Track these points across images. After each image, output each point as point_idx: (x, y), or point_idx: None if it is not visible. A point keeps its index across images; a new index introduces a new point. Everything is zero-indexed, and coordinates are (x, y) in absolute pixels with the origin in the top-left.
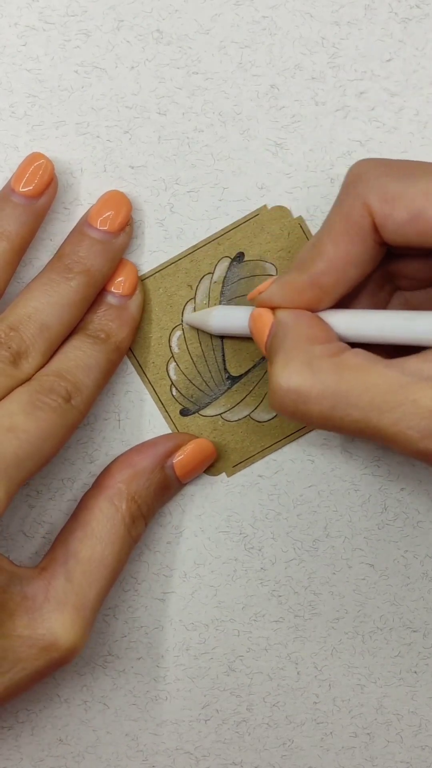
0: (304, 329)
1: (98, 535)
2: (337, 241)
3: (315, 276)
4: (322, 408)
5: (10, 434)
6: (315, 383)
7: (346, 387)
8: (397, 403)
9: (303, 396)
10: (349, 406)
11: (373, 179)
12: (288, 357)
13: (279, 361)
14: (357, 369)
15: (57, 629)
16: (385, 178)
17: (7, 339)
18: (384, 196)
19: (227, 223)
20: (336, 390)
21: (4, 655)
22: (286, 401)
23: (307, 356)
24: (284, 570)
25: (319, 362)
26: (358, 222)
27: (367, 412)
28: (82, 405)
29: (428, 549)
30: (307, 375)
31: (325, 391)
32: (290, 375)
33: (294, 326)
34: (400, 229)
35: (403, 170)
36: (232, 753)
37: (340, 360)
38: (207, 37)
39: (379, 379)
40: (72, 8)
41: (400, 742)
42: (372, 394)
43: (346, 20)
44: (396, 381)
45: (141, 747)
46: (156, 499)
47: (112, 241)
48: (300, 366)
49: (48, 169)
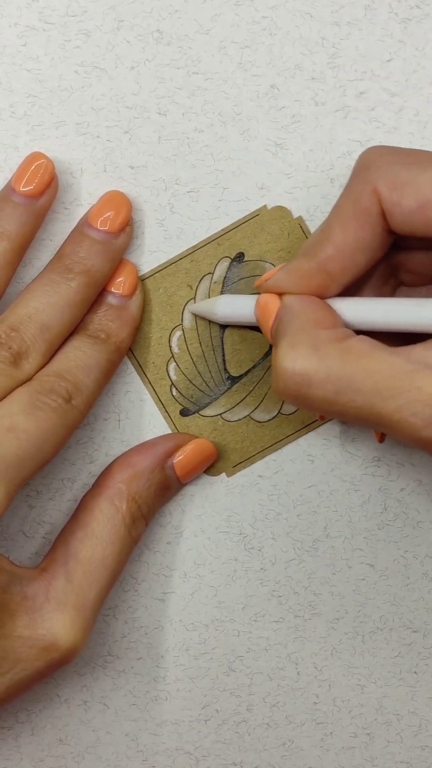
0: (311, 314)
1: (98, 535)
2: (346, 226)
3: (323, 261)
4: (325, 392)
5: (11, 434)
6: (320, 367)
7: (351, 372)
8: (401, 389)
9: (307, 379)
10: (352, 391)
11: (384, 166)
12: (294, 340)
13: (284, 344)
14: (362, 355)
15: (57, 630)
16: (395, 165)
17: (7, 339)
18: (393, 182)
19: (227, 223)
20: (341, 375)
21: (5, 655)
22: (289, 384)
23: (313, 340)
24: (284, 570)
25: (325, 346)
26: (367, 207)
27: (371, 398)
28: (83, 405)
29: (428, 549)
30: (312, 358)
31: (330, 376)
32: (295, 358)
33: (300, 310)
34: (407, 218)
35: (414, 158)
36: (232, 753)
37: (346, 345)
38: (207, 37)
39: (384, 366)
40: (72, 8)
41: (400, 742)
42: (376, 380)
43: (346, 20)
44: (400, 368)
45: (141, 747)
46: (156, 500)
47: (113, 242)
48: (306, 349)
49: (48, 168)
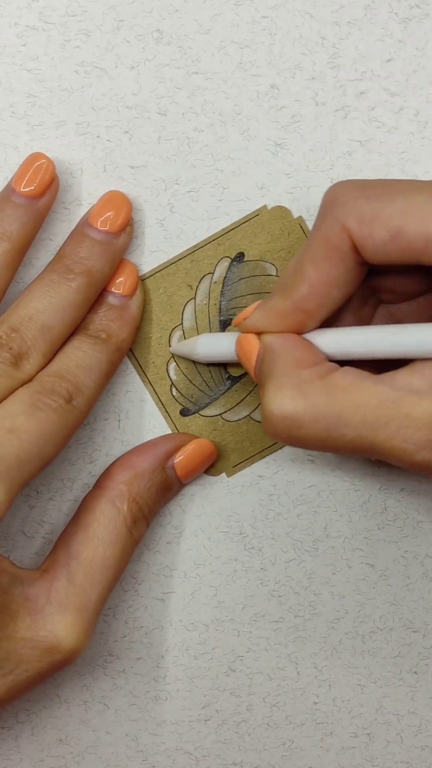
0: (292, 353)
1: (100, 536)
2: (318, 264)
3: (298, 300)
4: (316, 431)
5: (12, 435)
6: (307, 407)
7: (339, 407)
8: (389, 418)
9: (297, 421)
10: (342, 426)
11: (351, 201)
12: (278, 383)
13: (270, 389)
14: (347, 388)
15: (59, 631)
16: (361, 199)
17: (8, 340)
18: (362, 217)
19: (227, 223)
20: (328, 411)
21: (7, 656)
22: (279, 428)
23: (297, 380)
24: (284, 570)
25: (309, 385)
26: (338, 245)
27: (361, 430)
28: (83, 405)
29: (428, 549)
30: (298, 400)
31: (318, 414)
32: (282, 401)
33: (281, 351)
34: (381, 249)
35: (379, 190)
36: (232, 753)
37: (330, 381)
38: (207, 37)
39: (370, 397)
40: (72, 8)
41: (400, 742)
42: (364, 411)
43: (346, 20)
44: (387, 396)
45: (141, 747)
46: (157, 500)
47: (113, 242)
48: (291, 391)
49: (49, 169)
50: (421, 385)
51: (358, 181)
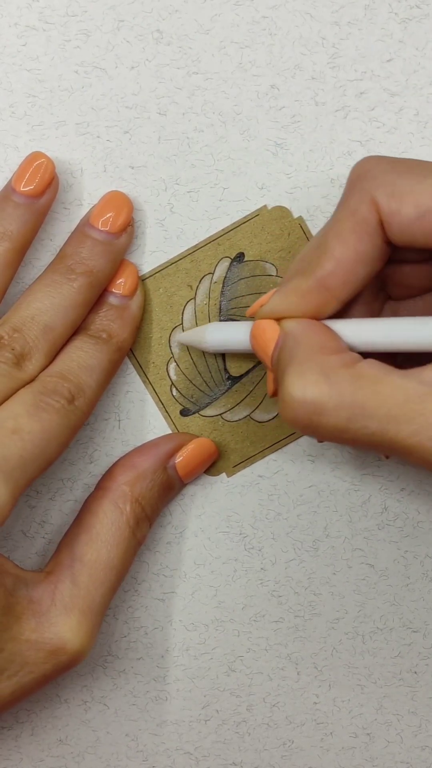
0: (315, 339)
1: (103, 538)
2: (345, 238)
3: (322, 277)
4: (338, 420)
5: (15, 436)
6: (332, 394)
7: (363, 398)
8: (415, 413)
9: (319, 407)
10: (365, 417)
11: (381, 175)
12: (302, 368)
13: (293, 372)
14: (374, 380)
15: (64, 633)
16: (392, 174)
17: (10, 340)
18: (392, 191)
19: (227, 223)
20: (353, 401)
21: (12, 658)
22: (300, 413)
23: (322, 367)
24: (284, 570)
25: (335, 373)
26: (366, 218)
27: (385, 423)
28: (85, 406)
29: (428, 549)
30: (323, 386)
31: (342, 403)
32: (305, 386)
33: (303, 336)
34: (407, 227)
35: (411, 167)
36: (232, 753)
37: (356, 370)
38: (207, 37)
39: (397, 390)
40: (72, 8)
41: (400, 743)
42: (389, 405)
43: (346, 20)
44: (414, 391)
45: (141, 747)
46: (159, 500)
47: (114, 242)
48: (316, 376)
49: (49, 168)
50: None
51: (388, 157)
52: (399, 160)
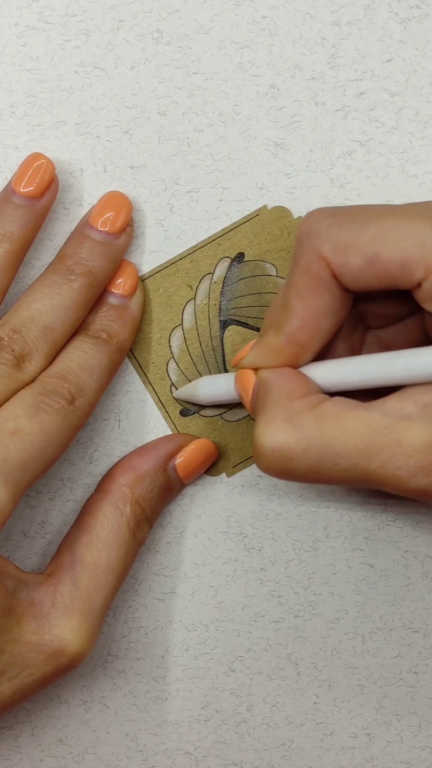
0: (284, 386)
1: (104, 540)
2: (304, 296)
3: (290, 334)
4: (308, 462)
5: (15, 437)
6: (299, 438)
7: (330, 437)
8: (382, 445)
9: (288, 453)
10: (335, 455)
11: (324, 230)
12: (269, 416)
13: (261, 422)
14: (337, 417)
15: (65, 635)
16: (334, 228)
17: (10, 342)
18: (336, 245)
19: (227, 223)
20: (320, 441)
21: (12, 660)
22: (271, 461)
23: (288, 412)
24: (284, 570)
25: (299, 417)
26: (319, 274)
27: (354, 459)
28: (86, 406)
29: (428, 549)
30: (289, 431)
31: (310, 445)
32: (274, 433)
33: (274, 384)
34: (358, 276)
35: (352, 217)
36: (232, 753)
37: (320, 411)
38: (207, 37)
39: (361, 424)
40: (72, 8)
41: (400, 743)
42: (355, 440)
43: (346, 20)
44: (378, 423)
45: (141, 747)
46: (160, 502)
47: (114, 242)
48: (282, 423)
49: (49, 169)
50: (412, 410)
51: (330, 208)
52: (341, 211)
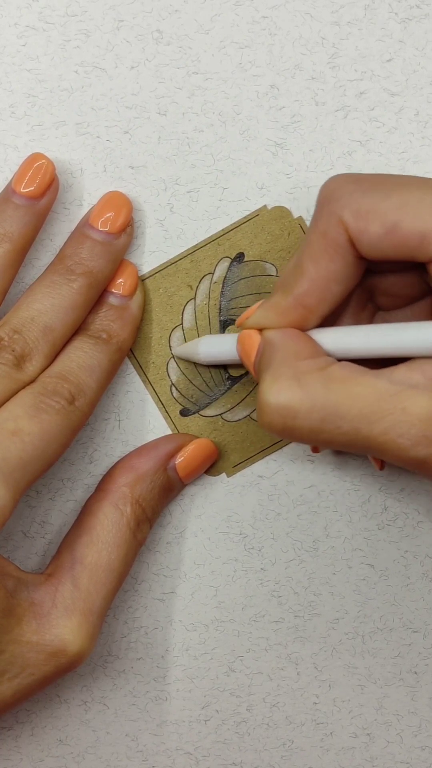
0: (291, 346)
1: (104, 540)
2: (317, 259)
3: (299, 296)
4: (311, 422)
5: (15, 438)
6: (304, 398)
7: (335, 399)
8: (386, 412)
9: (292, 411)
10: (338, 418)
11: (346, 195)
12: (276, 374)
13: (267, 379)
14: (344, 380)
15: (65, 635)
16: (357, 193)
17: (10, 342)
18: (357, 211)
19: (227, 223)
20: (324, 403)
21: (13, 660)
22: (275, 418)
23: (295, 371)
24: (284, 570)
25: (306, 376)
26: (336, 239)
27: (357, 423)
28: (86, 406)
29: (428, 549)
30: (295, 390)
31: (314, 405)
32: (279, 391)
33: (281, 344)
34: (375, 244)
35: (376, 185)
36: (232, 753)
37: (328, 373)
38: (207, 37)
39: (367, 390)
40: (72, 8)
41: (400, 743)
42: (360, 404)
43: (346, 20)
44: (384, 390)
45: (141, 747)
46: (160, 502)
47: (114, 242)
48: (288, 381)
49: (49, 169)
50: (420, 380)
51: (353, 174)
52: (364, 178)
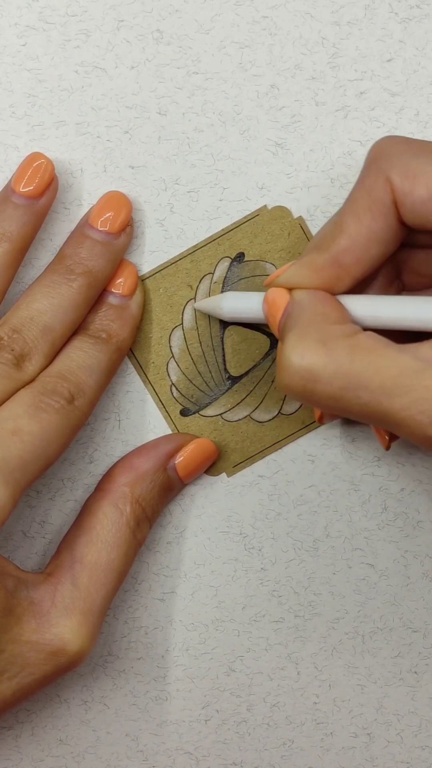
0: (320, 308)
1: (103, 539)
2: (360, 217)
3: (337, 254)
4: (332, 388)
5: (15, 437)
6: (328, 363)
7: (359, 368)
8: (408, 387)
9: (314, 375)
10: (359, 388)
11: (396, 155)
12: (302, 334)
13: (292, 338)
14: (370, 351)
15: (65, 634)
16: (407, 155)
17: (10, 341)
18: (405, 172)
19: (227, 223)
20: (348, 371)
21: (12, 659)
22: (295, 379)
23: (322, 335)
24: (284, 570)
25: (333, 342)
26: (380, 198)
27: (378, 395)
28: (85, 406)
29: (428, 549)
30: (320, 353)
31: (338, 372)
32: (303, 352)
33: (310, 305)
34: (418, 208)
35: (427, 149)
36: (232, 753)
37: (354, 341)
38: (207, 37)
39: (392, 363)
40: (72, 8)
41: (400, 743)
42: (384, 377)
43: (346, 20)
44: (409, 366)
45: (141, 747)
46: (159, 501)
47: (113, 242)
48: (314, 344)
49: (48, 169)
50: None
51: (406, 137)
52: (416, 141)
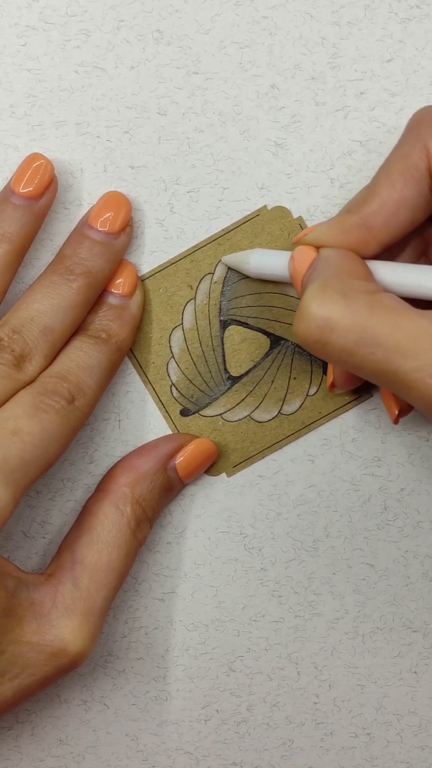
0: (345, 264)
1: (104, 540)
2: (393, 181)
3: (366, 216)
4: (346, 341)
5: (15, 438)
6: (346, 314)
7: (376, 325)
8: (423, 350)
9: (331, 324)
10: (374, 344)
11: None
12: (324, 284)
13: (314, 288)
14: (390, 310)
15: (66, 635)
16: None
17: (10, 342)
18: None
19: (227, 223)
20: (365, 325)
21: (13, 660)
22: (312, 327)
23: (344, 287)
24: (284, 570)
25: (354, 295)
26: (416, 164)
27: (391, 353)
28: (86, 406)
29: (428, 549)
30: (340, 304)
31: (354, 325)
32: (323, 301)
33: (335, 260)
34: None
35: None
36: (232, 753)
37: (375, 298)
38: (207, 37)
39: (410, 324)
40: (72, 8)
41: (400, 743)
42: (399, 337)
43: (346, 20)
44: (426, 329)
45: (141, 747)
46: (160, 501)
47: (113, 242)
48: (335, 295)
49: (48, 169)
50: None
51: None
52: None
